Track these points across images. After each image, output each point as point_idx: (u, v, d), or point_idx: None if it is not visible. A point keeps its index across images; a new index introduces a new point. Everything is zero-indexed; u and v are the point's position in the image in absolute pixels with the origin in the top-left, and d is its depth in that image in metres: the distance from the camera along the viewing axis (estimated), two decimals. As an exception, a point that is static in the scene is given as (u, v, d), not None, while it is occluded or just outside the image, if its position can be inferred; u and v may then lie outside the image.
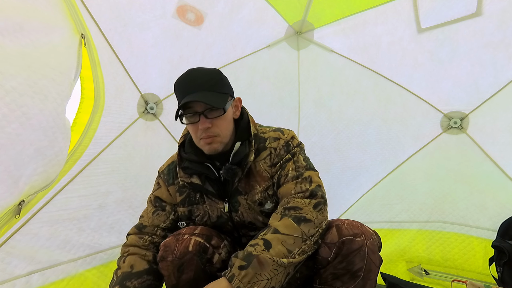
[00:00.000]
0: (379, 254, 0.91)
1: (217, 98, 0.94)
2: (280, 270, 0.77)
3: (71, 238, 1.57)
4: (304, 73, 2.29)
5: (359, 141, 2.32)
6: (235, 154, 1.00)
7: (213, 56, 2.01)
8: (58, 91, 1.15)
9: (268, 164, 1.02)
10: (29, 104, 1.02)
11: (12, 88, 0.96)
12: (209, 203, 1.05)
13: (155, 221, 1.09)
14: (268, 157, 1.02)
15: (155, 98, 1.92)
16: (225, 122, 0.98)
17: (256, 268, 0.75)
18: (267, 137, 1.05)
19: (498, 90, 1.86)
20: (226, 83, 1.03)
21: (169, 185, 1.12)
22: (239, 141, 1.02)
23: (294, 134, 1.08)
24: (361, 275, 0.85)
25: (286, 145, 1.03)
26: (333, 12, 1.98)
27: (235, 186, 1.02)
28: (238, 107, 1.07)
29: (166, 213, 1.10)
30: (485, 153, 1.96)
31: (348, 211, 2.37)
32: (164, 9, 1.71)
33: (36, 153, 1.07)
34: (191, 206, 1.08)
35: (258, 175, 1.02)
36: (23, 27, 1.04)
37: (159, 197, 1.12)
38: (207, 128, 0.94)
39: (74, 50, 1.35)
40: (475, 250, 1.92)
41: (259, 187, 1.01)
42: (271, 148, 1.02)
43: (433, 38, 1.88)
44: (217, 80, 0.99)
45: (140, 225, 1.09)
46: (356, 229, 0.88)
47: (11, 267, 1.32)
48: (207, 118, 0.94)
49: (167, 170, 1.14)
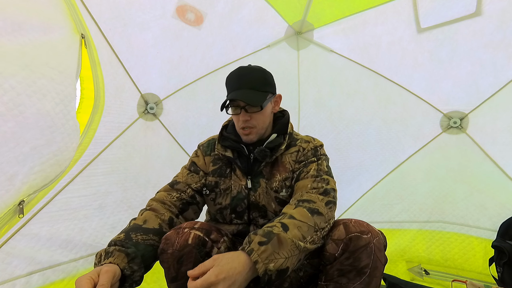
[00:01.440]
0: (385, 253, 0.92)
1: (256, 96, 1.09)
2: (295, 253, 0.81)
3: (71, 238, 1.57)
4: (304, 73, 2.29)
5: (359, 141, 2.32)
6: (270, 142, 1.14)
7: (213, 56, 2.01)
8: (57, 91, 1.15)
9: (293, 159, 1.15)
10: (26, 103, 1.02)
11: (11, 87, 0.96)
12: (234, 178, 1.17)
13: (189, 180, 1.19)
14: (295, 152, 1.16)
15: (155, 98, 1.92)
16: (263, 117, 1.14)
17: (275, 246, 0.78)
18: (299, 138, 1.21)
19: (498, 90, 1.86)
20: (269, 82, 1.17)
21: (206, 155, 1.24)
22: (276, 133, 1.16)
23: (323, 144, 1.21)
24: (367, 272, 0.86)
25: (314, 149, 1.16)
26: (333, 12, 1.99)
27: (261, 169, 1.14)
28: (278, 102, 1.22)
29: (199, 177, 1.21)
30: (485, 153, 1.97)
31: (348, 211, 2.37)
32: (164, 9, 1.71)
33: (32, 152, 1.08)
34: (219, 177, 1.18)
35: (282, 165, 1.14)
36: (21, 26, 1.05)
37: (195, 163, 1.24)
38: (246, 120, 1.11)
39: (74, 50, 1.35)
40: (475, 250, 1.93)
41: (279, 176, 1.13)
42: (300, 146, 1.17)
43: (433, 38, 1.88)
44: (260, 79, 1.14)
45: (174, 181, 1.20)
46: (363, 227, 0.90)
47: (11, 267, 1.32)
48: (247, 112, 1.10)
49: (207, 143, 1.28)
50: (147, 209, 1.08)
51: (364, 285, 0.86)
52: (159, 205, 1.09)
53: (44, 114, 1.10)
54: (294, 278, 1.02)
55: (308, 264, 0.98)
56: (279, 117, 1.25)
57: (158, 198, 1.13)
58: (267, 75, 1.17)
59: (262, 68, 1.18)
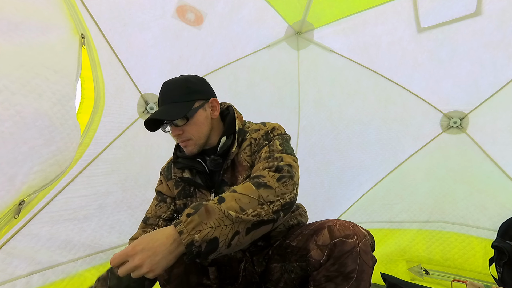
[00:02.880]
0: (373, 254, 0.90)
1: (176, 109, 1.03)
2: (226, 223, 0.74)
3: (71, 238, 1.57)
4: (304, 73, 2.29)
5: (359, 141, 2.32)
6: (221, 148, 1.10)
7: (213, 56, 2.01)
8: (53, 90, 1.15)
9: (248, 154, 1.09)
10: (22, 102, 1.02)
11: (5, 86, 0.96)
12: (199, 195, 1.13)
13: (157, 212, 1.19)
14: (248, 147, 1.09)
15: (155, 98, 1.92)
16: (196, 126, 1.07)
17: (202, 216, 0.73)
18: (249, 129, 1.13)
19: (498, 89, 1.86)
20: (193, 90, 1.09)
21: (168, 180, 1.22)
22: (225, 136, 1.11)
23: (277, 126, 1.12)
24: (354, 277, 0.85)
25: (266, 135, 1.09)
26: (333, 12, 1.98)
27: (221, 177, 1.10)
28: (215, 107, 1.13)
29: (167, 205, 1.20)
30: (485, 153, 1.97)
31: (348, 211, 2.37)
32: (164, 9, 1.71)
33: (31, 152, 1.07)
34: (186, 199, 1.16)
35: (240, 165, 1.09)
36: (18, 26, 1.04)
37: (160, 191, 1.24)
38: (179, 135, 1.07)
39: (73, 50, 1.34)
40: (475, 250, 1.93)
41: (241, 177, 1.08)
42: (251, 138, 1.10)
43: (433, 38, 1.88)
44: (180, 90, 1.07)
45: (145, 218, 1.20)
46: (348, 230, 0.87)
47: (11, 267, 1.32)
48: (177, 126, 1.06)
49: (166, 167, 1.26)
50: None
51: None
52: None
53: (42, 114, 1.10)
54: (288, 279, 1.01)
55: (298, 266, 0.97)
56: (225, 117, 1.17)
57: (135, 237, 1.13)
58: (191, 83, 1.09)
59: (185, 77, 1.11)
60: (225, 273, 1.05)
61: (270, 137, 1.08)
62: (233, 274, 1.06)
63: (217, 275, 1.00)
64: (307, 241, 0.95)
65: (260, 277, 1.11)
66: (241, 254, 1.10)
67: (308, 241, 0.94)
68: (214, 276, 0.98)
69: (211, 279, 0.98)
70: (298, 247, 0.98)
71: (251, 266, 1.10)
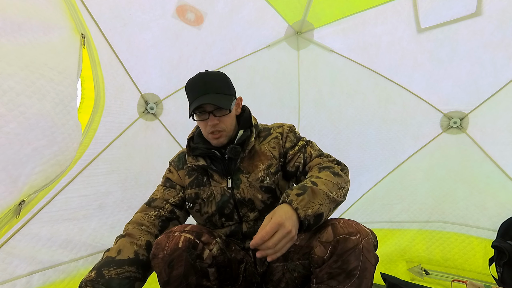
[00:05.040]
0: (375, 253, 0.91)
1: (224, 100, 1.12)
2: (327, 201, 0.90)
3: (72, 238, 1.57)
4: (304, 73, 2.29)
5: (359, 141, 2.32)
6: (239, 138, 1.17)
7: (213, 56, 2.01)
8: (56, 91, 1.15)
9: (272, 146, 1.19)
10: (26, 103, 1.02)
11: (9, 87, 0.96)
12: (214, 184, 1.17)
13: (166, 195, 1.20)
14: (274, 139, 1.20)
15: (155, 98, 1.92)
16: (230, 119, 1.16)
17: (310, 195, 0.88)
18: (271, 127, 1.26)
19: (498, 90, 1.86)
20: (231, 86, 1.20)
21: (179, 170, 1.25)
22: (242, 129, 1.19)
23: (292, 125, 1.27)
24: (356, 274, 0.85)
25: (292, 132, 1.23)
26: (333, 12, 1.99)
27: (238, 165, 1.17)
28: (239, 105, 1.25)
29: (176, 191, 1.21)
30: (485, 153, 1.97)
31: (348, 211, 2.37)
32: (163, 9, 1.71)
33: (34, 153, 1.07)
34: (198, 188, 1.18)
35: (262, 155, 1.18)
36: (21, 26, 1.04)
37: (169, 178, 1.25)
38: (215, 124, 1.12)
39: (74, 50, 1.35)
40: (475, 250, 1.93)
41: (262, 165, 1.16)
42: (277, 133, 1.21)
43: (433, 38, 1.88)
44: (224, 83, 1.16)
45: (150, 199, 1.20)
46: (351, 227, 0.88)
47: (12, 267, 1.32)
48: (215, 116, 1.12)
49: (177, 158, 1.29)
50: (122, 235, 1.06)
51: (354, 287, 0.85)
52: (135, 229, 1.07)
53: (45, 115, 1.10)
54: (290, 279, 1.02)
55: (300, 265, 0.98)
56: (240, 115, 1.27)
57: (134, 220, 1.11)
58: (229, 80, 1.20)
59: (223, 73, 1.20)
60: (225, 274, 1.05)
61: (299, 137, 1.23)
62: (233, 275, 1.06)
63: (217, 276, 1.00)
64: (310, 239, 0.95)
65: (261, 277, 1.11)
66: (243, 254, 1.11)
67: (311, 239, 0.94)
68: (214, 277, 0.98)
69: (211, 281, 0.97)
70: (301, 245, 0.98)
71: (252, 266, 1.11)
